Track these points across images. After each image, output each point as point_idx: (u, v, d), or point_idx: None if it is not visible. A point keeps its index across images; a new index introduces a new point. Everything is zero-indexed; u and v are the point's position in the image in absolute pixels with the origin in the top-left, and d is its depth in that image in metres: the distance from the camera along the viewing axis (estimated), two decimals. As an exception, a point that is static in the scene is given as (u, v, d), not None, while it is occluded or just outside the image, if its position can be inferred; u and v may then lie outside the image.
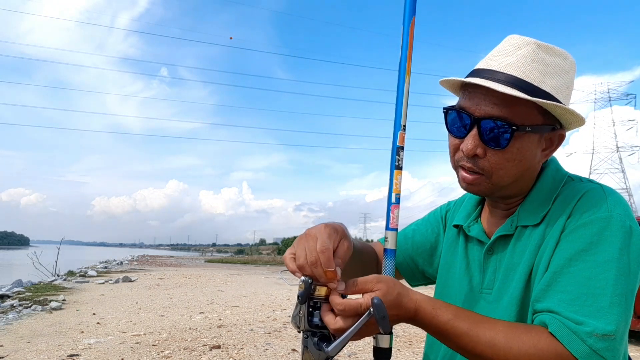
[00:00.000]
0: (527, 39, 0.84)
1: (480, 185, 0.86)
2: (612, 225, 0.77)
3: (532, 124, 0.81)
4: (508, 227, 0.89)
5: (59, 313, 7.48)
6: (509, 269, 0.88)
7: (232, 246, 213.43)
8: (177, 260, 38.64)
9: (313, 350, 0.80)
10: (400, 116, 0.86)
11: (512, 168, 0.83)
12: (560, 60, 0.84)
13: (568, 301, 0.74)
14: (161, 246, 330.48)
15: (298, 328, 0.82)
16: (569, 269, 0.77)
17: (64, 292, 10.39)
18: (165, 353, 4.86)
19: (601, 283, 0.73)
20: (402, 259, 1.11)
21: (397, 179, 0.86)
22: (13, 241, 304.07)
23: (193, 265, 27.69)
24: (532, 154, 0.84)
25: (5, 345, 5.14)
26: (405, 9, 0.86)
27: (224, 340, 5.56)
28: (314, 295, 0.81)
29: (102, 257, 35.33)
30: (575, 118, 0.83)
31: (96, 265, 23.67)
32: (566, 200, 0.84)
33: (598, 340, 0.70)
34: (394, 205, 0.86)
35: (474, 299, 0.93)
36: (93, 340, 5.44)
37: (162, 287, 12.35)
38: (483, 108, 0.82)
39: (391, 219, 0.86)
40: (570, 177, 0.90)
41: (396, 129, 0.86)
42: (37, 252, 16.22)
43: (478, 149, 0.83)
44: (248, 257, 56.55)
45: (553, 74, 0.82)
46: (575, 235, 0.79)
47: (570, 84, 0.86)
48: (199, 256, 64.14)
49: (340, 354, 5.15)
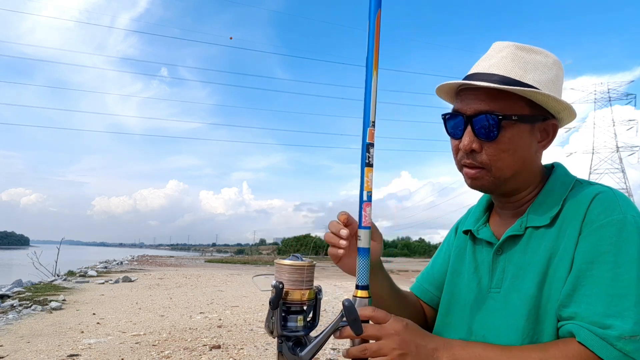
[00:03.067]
0: (508, 42, 0.91)
1: (483, 179, 0.90)
2: (628, 227, 0.79)
3: (519, 114, 0.86)
4: (517, 227, 0.91)
5: (59, 313, 7.48)
6: (519, 269, 0.88)
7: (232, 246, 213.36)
8: (177, 260, 38.67)
9: (288, 355, 0.80)
10: (369, 112, 0.85)
11: (508, 158, 0.87)
12: (541, 57, 0.90)
13: (594, 304, 0.76)
14: (161, 246, 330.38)
15: (271, 333, 0.81)
16: (592, 272, 0.78)
17: (64, 292, 10.39)
18: (165, 353, 4.86)
19: (625, 283, 0.75)
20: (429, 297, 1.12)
21: (368, 176, 0.85)
22: (13, 241, 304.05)
23: (193, 265, 27.70)
24: (526, 144, 0.88)
25: (5, 345, 5.14)
26: (371, 3, 0.85)
27: (224, 340, 5.56)
28: (287, 300, 0.81)
29: (102, 257, 35.35)
30: (561, 105, 0.87)
31: (96, 265, 23.68)
32: (578, 202, 0.86)
33: (627, 342, 0.71)
34: (366, 203, 0.85)
35: (482, 299, 0.93)
36: (93, 340, 5.44)
37: (162, 287, 12.35)
38: (473, 106, 0.88)
39: (364, 217, 0.86)
40: (579, 181, 0.92)
41: (365, 126, 0.86)
42: (37, 252, 16.22)
43: (474, 144, 0.88)
44: (248, 257, 56.57)
45: (534, 69, 0.88)
46: (593, 238, 0.80)
47: (556, 79, 0.90)
48: (199, 256, 64.14)
49: (339, 354, 5.16)
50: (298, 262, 0.83)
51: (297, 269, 0.82)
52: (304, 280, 0.83)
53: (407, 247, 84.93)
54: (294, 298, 0.81)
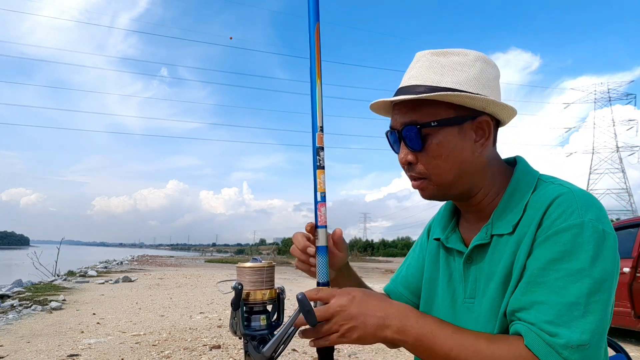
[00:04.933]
0: (425, 51, 0.92)
1: (428, 189, 0.92)
2: (585, 232, 0.76)
3: (440, 118, 0.86)
4: (483, 235, 0.90)
5: (59, 313, 7.48)
6: (488, 278, 0.88)
7: (232, 246, 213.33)
8: (177, 260, 38.64)
9: (254, 354, 0.84)
10: (316, 118, 0.91)
11: (443, 164, 0.88)
12: (459, 57, 0.89)
13: (542, 312, 0.75)
14: (161, 246, 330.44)
15: (235, 333, 0.85)
16: (543, 279, 0.77)
17: (64, 292, 10.39)
18: (165, 353, 4.86)
19: (575, 292, 0.74)
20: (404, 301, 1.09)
21: (321, 178, 0.91)
22: (13, 241, 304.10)
23: (193, 265, 27.69)
24: (458, 146, 0.87)
25: (5, 345, 5.14)
26: (310, 16, 0.91)
27: (224, 340, 5.56)
28: (249, 301, 0.86)
29: (102, 257, 35.34)
30: (479, 102, 0.85)
31: (96, 265, 23.67)
32: (536, 207, 0.84)
33: (573, 351, 0.71)
34: (320, 204, 0.91)
35: (457, 310, 0.93)
36: (93, 340, 5.44)
37: (162, 287, 12.35)
38: (400, 120, 0.90)
39: (319, 217, 0.91)
40: (542, 179, 0.90)
41: (314, 131, 0.91)
42: (37, 252, 16.21)
43: (409, 157, 0.90)
44: (248, 257, 56.37)
45: (452, 71, 0.87)
46: (547, 244, 0.79)
47: (480, 75, 0.88)
48: (199, 256, 64.11)
49: (340, 354, 5.15)
50: (257, 264, 0.88)
51: (256, 270, 0.88)
52: (264, 281, 0.88)
53: (407, 247, 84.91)
54: (255, 298, 0.86)
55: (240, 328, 0.84)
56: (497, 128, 0.93)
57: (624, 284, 5.54)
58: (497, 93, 0.90)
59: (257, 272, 0.88)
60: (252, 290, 0.86)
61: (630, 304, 5.53)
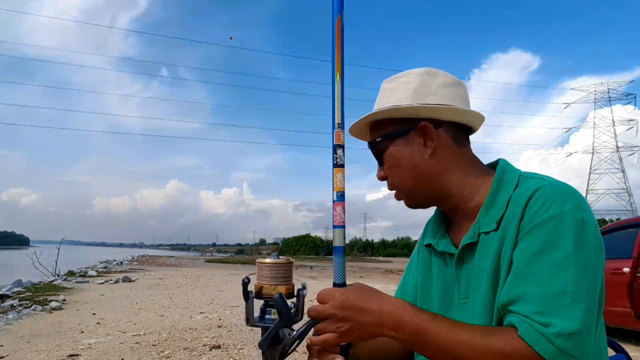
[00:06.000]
0: (385, 80, 1.02)
1: (403, 198, 1.01)
2: (565, 222, 0.79)
3: (383, 133, 0.97)
4: (472, 235, 0.92)
5: (59, 313, 7.48)
6: (478, 276, 0.89)
7: (232, 246, 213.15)
8: (177, 260, 38.68)
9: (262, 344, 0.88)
10: (334, 115, 0.89)
11: (399, 172, 0.97)
12: (404, 79, 0.98)
13: (532, 303, 0.76)
14: (161, 246, 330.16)
15: (247, 322, 0.92)
16: (529, 271, 0.79)
17: (64, 292, 10.39)
18: (165, 353, 4.86)
19: (562, 281, 0.76)
20: None
21: (337, 177, 0.89)
22: (13, 241, 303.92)
23: (193, 265, 27.71)
24: (407, 154, 0.95)
25: (5, 345, 5.14)
26: (333, 7, 0.88)
27: (224, 340, 5.56)
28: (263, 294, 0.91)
29: (102, 257, 35.32)
30: (407, 111, 0.94)
31: (96, 265, 23.69)
32: (517, 201, 0.86)
33: (565, 339, 0.72)
34: (337, 203, 0.89)
35: (453, 311, 0.95)
36: (93, 340, 5.44)
37: (162, 287, 12.36)
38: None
39: (335, 217, 0.89)
40: (523, 176, 0.92)
41: (333, 128, 0.89)
42: (37, 252, 16.21)
43: (380, 172, 1.02)
44: (248, 257, 56.55)
45: (396, 92, 0.97)
46: (530, 237, 0.81)
47: (421, 87, 0.95)
48: (199, 256, 64.16)
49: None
50: (273, 260, 0.92)
51: (267, 266, 0.92)
52: (279, 277, 0.92)
53: (407, 247, 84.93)
54: (269, 292, 0.90)
55: (250, 317, 0.91)
56: (457, 130, 0.97)
57: (624, 284, 5.53)
58: (449, 98, 0.95)
59: (272, 268, 0.92)
60: (267, 285, 0.91)
61: (630, 304, 5.52)
